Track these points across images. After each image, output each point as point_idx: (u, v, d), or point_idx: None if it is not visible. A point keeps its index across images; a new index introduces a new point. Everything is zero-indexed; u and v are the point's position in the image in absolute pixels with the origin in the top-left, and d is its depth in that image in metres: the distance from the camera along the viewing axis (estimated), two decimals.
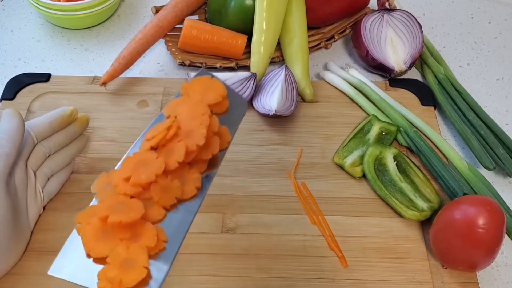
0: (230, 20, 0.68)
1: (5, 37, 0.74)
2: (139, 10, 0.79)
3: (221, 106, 0.43)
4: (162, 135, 0.39)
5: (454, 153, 0.60)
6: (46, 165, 0.53)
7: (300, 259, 0.52)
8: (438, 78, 0.68)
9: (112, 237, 0.36)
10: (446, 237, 0.50)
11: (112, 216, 0.35)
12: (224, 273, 0.51)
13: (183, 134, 0.40)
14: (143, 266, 0.35)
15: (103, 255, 0.36)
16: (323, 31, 0.74)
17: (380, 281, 0.51)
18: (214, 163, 0.41)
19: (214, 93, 0.42)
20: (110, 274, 0.35)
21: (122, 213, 0.36)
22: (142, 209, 0.36)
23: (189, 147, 0.39)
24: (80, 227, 0.37)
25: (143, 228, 0.36)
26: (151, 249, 0.36)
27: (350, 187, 0.58)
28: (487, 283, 0.53)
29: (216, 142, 0.41)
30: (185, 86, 0.43)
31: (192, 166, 0.40)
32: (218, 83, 0.43)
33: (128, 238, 0.36)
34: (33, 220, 0.52)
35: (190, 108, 0.41)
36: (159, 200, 0.38)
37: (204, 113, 0.40)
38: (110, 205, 0.36)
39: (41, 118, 0.53)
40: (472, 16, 0.80)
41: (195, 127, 0.40)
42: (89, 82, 0.67)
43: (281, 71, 0.63)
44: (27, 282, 0.50)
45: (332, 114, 0.65)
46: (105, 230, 0.36)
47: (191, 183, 0.39)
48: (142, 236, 0.36)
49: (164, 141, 0.39)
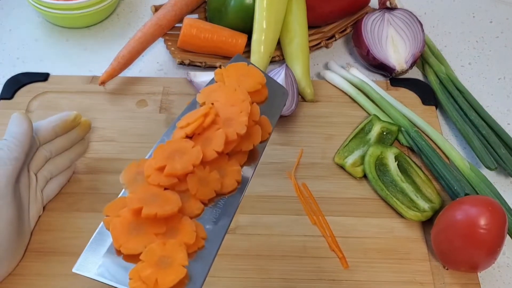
0: (230, 19, 0.68)
1: (4, 36, 0.74)
2: (138, 9, 0.78)
3: (260, 94, 0.40)
4: (199, 122, 0.36)
5: (455, 153, 0.60)
6: (46, 168, 0.53)
7: (301, 259, 0.52)
8: (440, 78, 0.68)
9: (146, 232, 0.32)
10: (447, 237, 0.50)
11: (146, 208, 0.32)
12: (224, 274, 0.51)
13: (222, 122, 0.36)
14: (182, 264, 0.32)
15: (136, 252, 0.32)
16: (324, 30, 0.73)
17: (381, 282, 0.51)
18: (254, 155, 0.38)
19: (252, 80, 0.39)
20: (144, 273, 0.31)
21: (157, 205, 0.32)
22: (179, 202, 0.33)
23: (229, 136, 0.35)
24: (109, 220, 0.33)
25: (180, 223, 0.33)
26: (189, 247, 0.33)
27: (351, 187, 0.58)
28: (488, 283, 0.52)
29: (258, 132, 0.38)
30: (220, 72, 0.40)
31: (231, 158, 0.37)
32: (255, 70, 0.40)
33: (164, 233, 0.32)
34: (33, 221, 0.52)
35: (228, 94, 0.38)
36: (197, 193, 0.34)
37: (244, 99, 0.37)
38: (143, 196, 0.33)
39: (44, 122, 0.53)
40: (473, 15, 0.80)
41: (235, 115, 0.36)
42: (88, 81, 0.67)
43: (281, 70, 0.63)
44: (27, 282, 0.50)
45: (333, 113, 0.65)
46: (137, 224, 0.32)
47: (231, 176, 0.36)
48: (179, 231, 0.32)
49: (201, 129, 0.36)
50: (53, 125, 0.52)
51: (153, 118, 0.63)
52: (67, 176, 0.56)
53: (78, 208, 0.55)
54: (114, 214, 0.33)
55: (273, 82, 0.41)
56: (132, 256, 0.32)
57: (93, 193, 0.56)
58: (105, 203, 0.55)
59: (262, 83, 0.39)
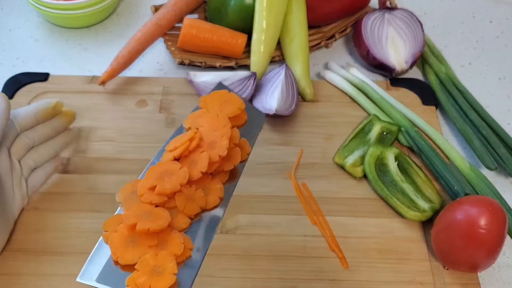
0: (230, 19, 0.68)
1: (4, 36, 0.74)
2: (138, 9, 0.78)
3: (239, 119, 0.45)
4: (185, 146, 0.40)
5: (455, 153, 0.60)
6: (29, 156, 0.53)
7: (301, 259, 0.52)
8: (440, 78, 0.68)
9: (140, 244, 0.37)
10: (447, 237, 0.49)
11: (140, 224, 0.37)
12: (223, 274, 0.51)
13: (206, 145, 0.41)
14: (172, 273, 0.37)
15: (132, 262, 0.37)
16: (324, 30, 0.73)
17: (381, 282, 0.51)
18: (234, 174, 0.44)
19: (232, 106, 0.45)
20: (140, 280, 0.36)
21: (150, 221, 0.37)
22: (169, 217, 0.38)
23: (212, 158, 0.41)
24: (107, 235, 0.38)
25: (170, 236, 0.38)
26: (178, 257, 0.38)
27: (351, 187, 0.58)
28: (488, 283, 0.52)
29: (237, 153, 0.43)
30: (204, 99, 0.45)
31: (214, 177, 0.42)
32: (235, 97, 0.46)
33: (156, 245, 0.37)
34: (17, 210, 0.52)
35: (211, 120, 0.43)
36: (184, 209, 0.39)
37: (226, 125, 0.43)
38: (137, 213, 0.38)
39: (24, 108, 0.53)
40: (473, 15, 0.80)
41: (217, 139, 0.42)
42: (88, 81, 0.67)
43: (281, 70, 0.63)
44: (23, 282, 0.50)
45: (333, 113, 0.65)
46: (133, 238, 0.37)
47: (214, 193, 0.41)
48: (169, 244, 0.38)
49: (187, 152, 0.41)
50: (34, 111, 0.53)
51: (153, 118, 0.63)
52: (52, 166, 0.56)
53: (77, 208, 0.55)
54: (112, 229, 0.38)
55: (251, 107, 0.47)
56: (129, 266, 0.37)
57: (92, 193, 0.56)
58: (104, 203, 0.55)
59: (241, 108, 0.45)
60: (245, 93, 0.63)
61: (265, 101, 0.62)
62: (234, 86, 0.63)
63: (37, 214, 0.54)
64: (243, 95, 0.63)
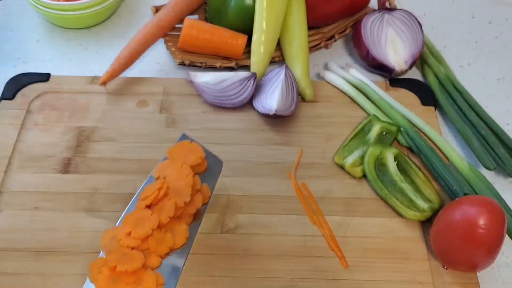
0: (230, 19, 0.68)
1: (5, 37, 0.74)
2: (139, 10, 0.79)
3: (201, 166, 0.51)
4: (155, 195, 0.47)
5: (454, 153, 0.60)
6: None
7: (300, 259, 0.52)
8: (439, 78, 0.68)
9: (120, 282, 0.43)
10: (446, 237, 0.50)
11: (119, 266, 0.43)
12: (223, 274, 0.51)
13: (172, 193, 0.47)
14: None
15: None
16: (324, 30, 0.73)
17: (380, 282, 0.51)
18: (198, 215, 0.49)
19: (194, 155, 0.51)
20: None
21: (127, 263, 0.43)
22: (142, 259, 0.44)
23: (177, 204, 0.47)
24: (92, 276, 0.44)
25: (144, 274, 0.44)
26: None
27: (350, 187, 0.58)
28: (487, 283, 0.52)
29: (199, 198, 0.49)
30: (171, 151, 0.51)
31: (180, 219, 0.48)
32: (197, 146, 0.52)
33: (134, 282, 0.43)
34: None
35: (176, 170, 0.49)
36: (156, 250, 0.45)
37: (188, 174, 0.48)
38: (117, 257, 0.44)
39: None
40: (473, 16, 0.80)
41: (181, 187, 0.48)
42: (89, 82, 0.67)
43: (281, 70, 0.63)
44: (26, 282, 0.50)
45: (333, 114, 0.65)
46: (114, 277, 0.43)
47: (181, 234, 0.47)
48: (143, 281, 0.44)
49: (157, 200, 0.47)
50: None
51: (154, 118, 0.63)
52: None
53: (78, 208, 0.55)
54: (96, 271, 0.44)
55: (210, 154, 0.53)
56: None
57: (93, 193, 0.56)
58: (105, 203, 0.56)
59: (202, 157, 0.51)
60: (245, 93, 0.63)
61: (265, 101, 0.62)
62: (234, 87, 0.63)
63: (37, 214, 0.55)
64: (243, 95, 0.63)
